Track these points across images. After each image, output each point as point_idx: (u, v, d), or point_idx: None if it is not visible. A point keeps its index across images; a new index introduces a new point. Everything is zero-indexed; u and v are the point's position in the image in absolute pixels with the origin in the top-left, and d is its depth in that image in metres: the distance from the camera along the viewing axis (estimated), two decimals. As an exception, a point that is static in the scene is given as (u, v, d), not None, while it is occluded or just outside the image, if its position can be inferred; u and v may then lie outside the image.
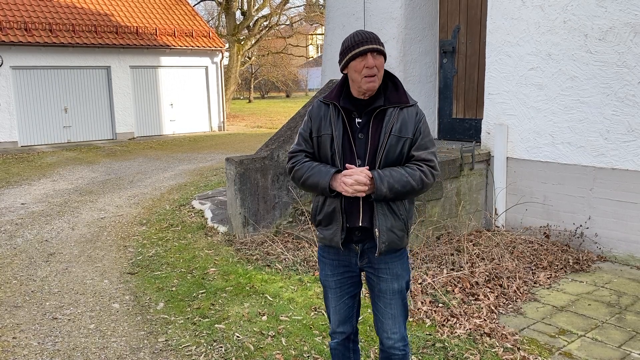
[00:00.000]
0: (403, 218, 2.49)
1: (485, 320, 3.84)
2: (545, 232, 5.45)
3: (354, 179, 2.32)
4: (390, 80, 2.53)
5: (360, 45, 2.36)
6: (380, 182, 2.34)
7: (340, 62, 2.46)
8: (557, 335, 3.69)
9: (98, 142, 16.66)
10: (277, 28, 30.68)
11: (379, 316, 2.60)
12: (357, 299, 2.70)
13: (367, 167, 2.40)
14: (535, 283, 4.56)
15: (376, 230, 2.44)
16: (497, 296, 4.23)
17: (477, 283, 4.39)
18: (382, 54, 2.40)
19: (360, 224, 2.47)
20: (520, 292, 4.33)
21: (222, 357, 3.53)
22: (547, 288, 4.49)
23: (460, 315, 3.90)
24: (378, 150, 2.41)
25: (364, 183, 2.32)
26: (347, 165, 2.41)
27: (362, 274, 2.67)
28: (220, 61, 19.90)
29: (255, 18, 26.81)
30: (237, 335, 3.79)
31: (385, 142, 2.40)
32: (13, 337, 3.90)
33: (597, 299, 4.27)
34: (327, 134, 2.47)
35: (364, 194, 2.36)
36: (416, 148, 2.45)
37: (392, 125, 2.41)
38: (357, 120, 2.46)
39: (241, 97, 45.14)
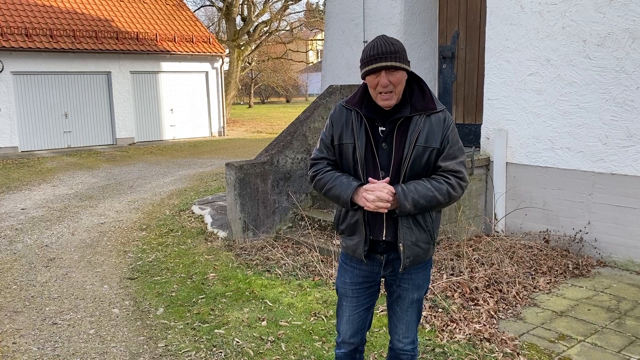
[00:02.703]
0: (429, 230, 2.38)
1: (484, 325, 3.84)
2: (544, 237, 5.45)
3: (376, 196, 2.21)
4: (416, 83, 2.37)
5: (373, 63, 2.21)
6: (404, 198, 2.22)
7: (360, 69, 2.31)
8: (556, 341, 3.69)
9: (98, 148, 16.68)
10: (277, 34, 30.78)
11: (394, 319, 2.58)
12: (371, 311, 2.63)
13: (388, 179, 2.27)
14: (534, 288, 4.56)
15: (400, 245, 2.34)
16: (496, 301, 4.23)
17: (476, 288, 4.39)
18: (400, 68, 2.23)
19: (384, 238, 2.38)
20: (520, 297, 4.33)
21: (222, 363, 3.53)
22: (547, 293, 4.49)
23: (460, 320, 3.90)
24: (403, 162, 2.29)
25: (386, 200, 2.21)
26: (369, 179, 2.29)
27: (381, 281, 2.60)
28: (221, 66, 19.96)
29: (256, 24, 26.92)
30: (237, 340, 3.79)
31: (410, 154, 2.27)
32: (13, 343, 3.90)
33: (596, 304, 4.27)
34: (350, 142, 2.35)
35: (386, 210, 2.25)
36: (444, 158, 2.31)
37: (418, 135, 2.27)
38: (381, 128, 2.33)
39: (241, 103, 45.21)
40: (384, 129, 2.34)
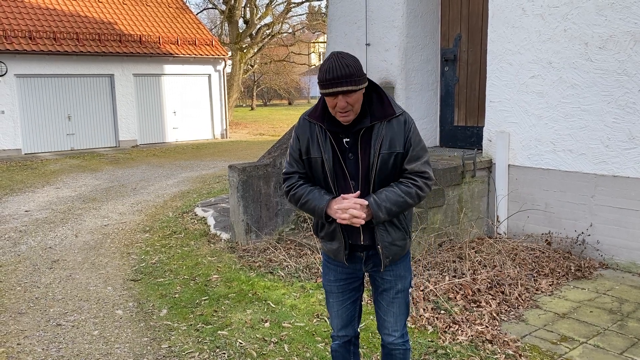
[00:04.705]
0: (403, 227, 2.50)
1: (487, 327, 3.85)
2: (547, 239, 5.46)
3: (350, 214, 2.29)
4: (374, 92, 2.42)
5: (329, 87, 2.22)
6: (377, 209, 2.31)
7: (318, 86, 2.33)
8: (558, 342, 3.70)
9: (101, 150, 16.73)
10: (280, 36, 30.84)
11: (381, 314, 2.65)
12: (358, 303, 2.73)
13: (359, 192, 2.35)
14: (537, 290, 4.57)
15: (379, 247, 2.46)
16: (499, 303, 4.24)
17: (479, 290, 4.40)
18: (356, 90, 2.24)
19: (362, 242, 2.49)
20: (522, 299, 4.34)
21: (225, 364, 3.55)
22: (549, 295, 4.50)
23: (462, 322, 3.91)
24: (370, 170, 2.37)
25: (359, 216, 2.30)
26: (342, 195, 2.35)
27: (365, 275, 2.70)
28: (223, 69, 20.02)
29: (258, 26, 26.97)
30: (240, 341, 3.81)
31: (376, 162, 2.35)
32: (17, 344, 3.92)
33: (599, 306, 4.27)
34: (318, 157, 2.42)
35: (363, 222, 2.33)
36: (408, 160, 2.39)
37: (381, 143, 2.35)
38: (345, 139, 2.40)
39: (244, 105, 45.29)
40: (349, 139, 2.40)
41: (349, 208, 2.30)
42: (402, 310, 2.63)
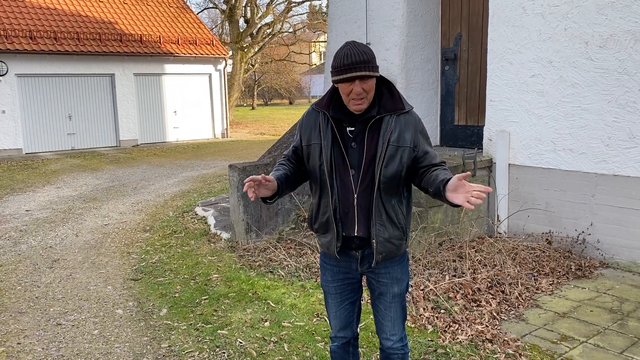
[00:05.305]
0: (401, 226, 2.46)
1: (487, 326, 3.85)
2: (547, 239, 5.46)
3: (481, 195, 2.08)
4: (385, 86, 2.45)
5: (347, 72, 2.25)
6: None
7: (331, 74, 2.36)
8: (559, 342, 3.69)
9: (102, 149, 16.74)
10: (280, 36, 30.84)
11: (379, 318, 2.64)
12: (357, 304, 2.71)
13: (263, 174, 2.29)
14: (537, 289, 4.56)
15: (373, 241, 2.42)
16: (499, 302, 4.24)
17: (479, 289, 4.40)
18: (372, 76, 2.29)
19: (356, 234, 2.46)
20: (522, 299, 4.34)
21: (225, 363, 3.54)
22: (549, 294, 4.50)
23: (462, 321, 3.91)
24: (377, 161, 2.35)
25: (249, 188, 2.24)
26: (459, 180, 2.12)
27: (362, 277, 2.68)
28: (224, 69, 20.01)
29: (259, 26, 26.96)
30: (240, 341, 3.81)
31: (384, 152, 2.34)
32: (17, 343, 3.92)
33: (599, 306, 4.27)
34: (317, 143, 2.43)
35: (252, 196, 2.25)
36: (432, 158, 2.41)
37: (390, 134, 2.35)
38: (349, 128, 2.40)
39: (244, 104, 45.29)
40: (353, 129, 2.40)
41: (481, 194, 2.09)
42: (399, 314, 2.61)
